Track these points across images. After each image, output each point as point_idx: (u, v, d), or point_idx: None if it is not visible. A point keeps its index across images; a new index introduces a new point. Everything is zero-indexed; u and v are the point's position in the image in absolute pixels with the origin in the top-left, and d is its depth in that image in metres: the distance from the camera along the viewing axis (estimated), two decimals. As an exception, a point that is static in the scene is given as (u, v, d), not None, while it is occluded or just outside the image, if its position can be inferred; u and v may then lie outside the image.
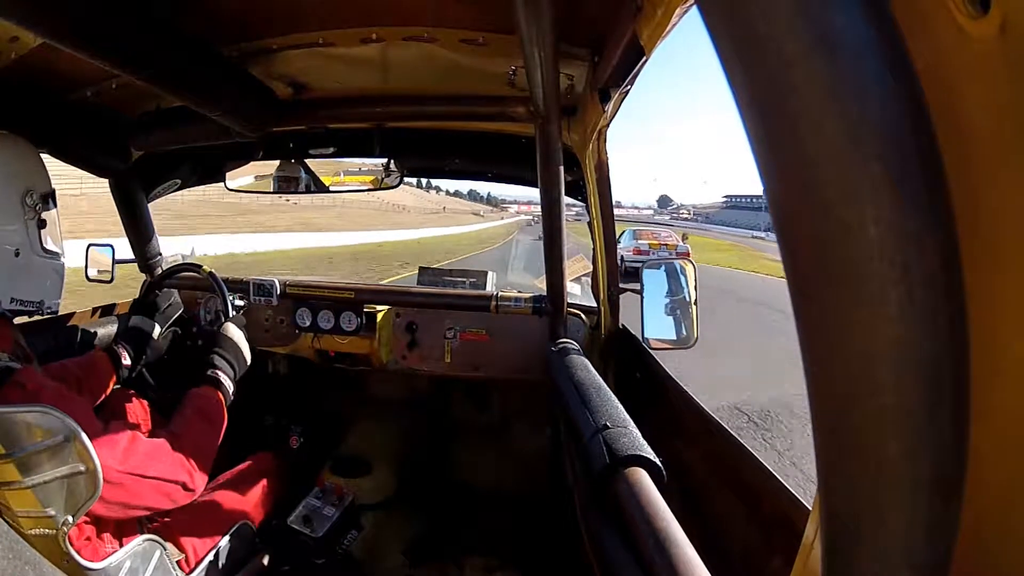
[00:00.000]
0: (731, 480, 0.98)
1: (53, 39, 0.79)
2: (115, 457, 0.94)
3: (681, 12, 0.69)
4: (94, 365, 1.39)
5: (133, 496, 0.97)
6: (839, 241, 0.18)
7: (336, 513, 1.56)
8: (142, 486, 0.98)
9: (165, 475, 1.02)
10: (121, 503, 0.97)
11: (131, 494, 0.97)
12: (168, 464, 1.04)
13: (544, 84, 0.84)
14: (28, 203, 1.03)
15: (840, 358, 0.19)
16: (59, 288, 1.14)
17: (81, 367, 1.35)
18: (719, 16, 0.18)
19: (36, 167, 1.08)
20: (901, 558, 0.21)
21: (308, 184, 1.70)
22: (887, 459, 0.19)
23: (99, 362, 1.41)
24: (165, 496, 1.03)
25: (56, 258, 1.12)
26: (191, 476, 1.07)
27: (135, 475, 0.97)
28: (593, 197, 1.48)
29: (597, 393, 1.00)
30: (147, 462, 1.00)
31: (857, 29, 0.17)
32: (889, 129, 0.17)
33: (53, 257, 1.11)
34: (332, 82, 1.37)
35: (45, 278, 1.09)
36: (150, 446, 1.03)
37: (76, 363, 1.37)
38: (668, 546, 0.57)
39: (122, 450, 0.96)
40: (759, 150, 0.19)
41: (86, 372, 1.35)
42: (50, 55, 1.01)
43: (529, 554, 1.67)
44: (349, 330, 1.80)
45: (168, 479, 1.03)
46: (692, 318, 1.48)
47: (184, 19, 0.97)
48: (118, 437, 0.97)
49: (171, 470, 1.04)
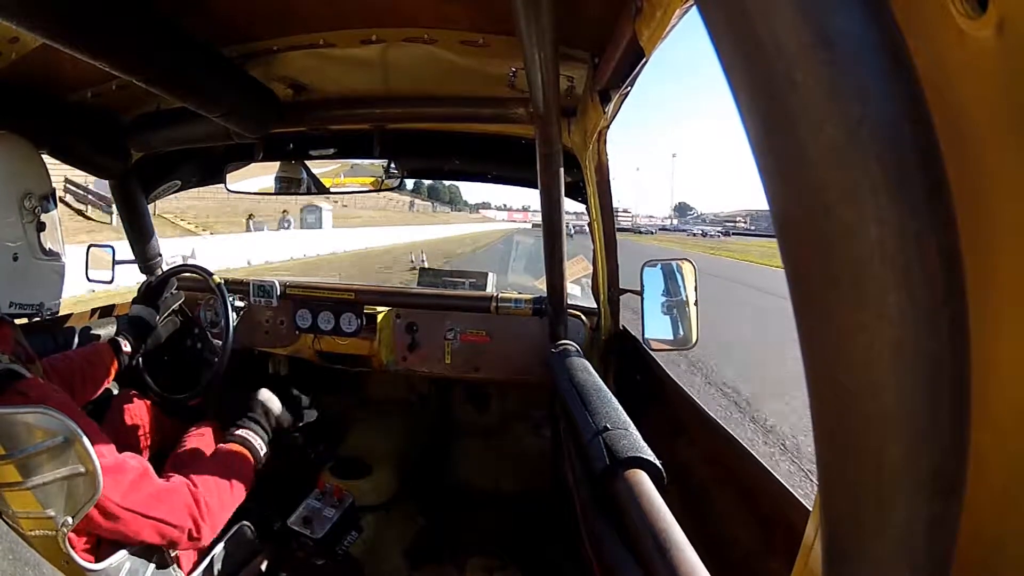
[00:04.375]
0: (731, 480, 0.98)
1: (53, 40, 0.79)
2: (118, 491, 0.92)
3: (681, 12, 0.69)
4: (97, 354, 1.42)
5: (131, 532, 0.95)
6: (839, 242, 0.18)
7: (336, 514, 1.56)
8: (141, 525, 0.95)
9: (169, 519, 0.99)
10: (119, 534, 0.95)
11: (129, 530, 0.95)
12: (174, 508, 1.00)
13: (544, 85, 0.84)
14: (27, 206, 1.03)
15: (840, 358, 0.19)
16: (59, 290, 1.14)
17: (83, 356, 1.38)
18: (719, 16, 0.18)
19: (35, 168, 1.08)
20: (901, 558, 0.21)
21: (308, 185, 1.70)
22: (887, 459, 0.19)
23: (101, 351, 1.44)
24: (166, 540, 1.00)
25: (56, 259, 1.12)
26: (198, 526, 1.04)
27: (135, 513, 0.94)
28: (593, 199, 1.48)
29: (597, 394, 1.00)
30: (152, 503, 0.97)
31: (857, 29, 0.17)
32: (889, 129, 0.17)
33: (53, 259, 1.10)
34: (332, 83, 1.37)
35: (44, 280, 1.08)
36: (158, 488, 1.00)
37: (78, 353, 1.40)
38: (668, 547, 0.57)
39: (127, 484, 0.94)
40: (759, 151, 0.19)
41: (89, 362, 1.38)
42: (50, 56, 1.01)
43: (529, 555, 1.67)
44: (349, 331, 1.80)
45: (171, 523, 0.99)
46: (692, 318, 1.48)
47: (184, 20, 0.97)
48: (126, 471, 0.95)
49: (177, 515, 1.00)
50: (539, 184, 1.18)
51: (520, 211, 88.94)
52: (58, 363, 1.30)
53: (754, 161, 0.19)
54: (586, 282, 1.88)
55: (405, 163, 1.65)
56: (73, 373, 1.32)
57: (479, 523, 1.87)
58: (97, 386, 1.39)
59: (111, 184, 1.73)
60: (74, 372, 1.32)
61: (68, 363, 1.32)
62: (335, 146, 1.62)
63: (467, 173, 1.79)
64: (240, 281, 1.88)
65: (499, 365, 1.73)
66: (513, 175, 1.73)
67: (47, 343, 1.49)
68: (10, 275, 1.01)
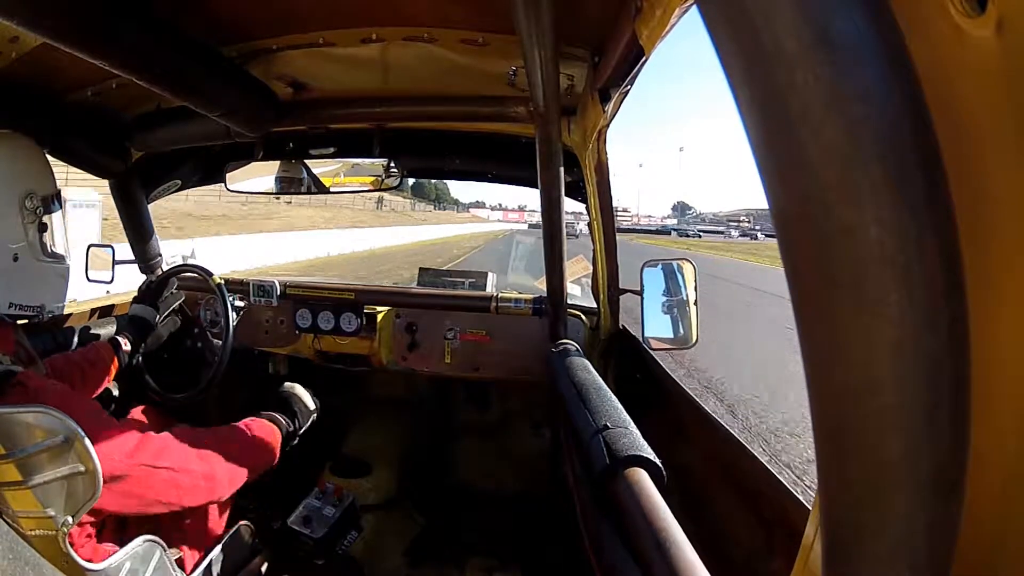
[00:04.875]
0: (731, 480, 0.98)
1: (53, 39, 0.79)
2: (123, 450, 0.92)
3: (681, 12, 0.69)
4: (96, 353, 1.43)
5: (144, 487, 0.94)
6: (840, 242, 0.18)
7: (336, 514, 1.56)
8: (151, 477, 0.95)
9: (177, 465, 0.98)
10: (133, 496, 0.94)
11: (140, 487, 0.94)
12: (181, 455, 1.00)
13: (544, 84, 0.84)
14: (28, 206, 1.02)
15: (841, 358, 0.19)
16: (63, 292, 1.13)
17: (84, 356, 1.40)
18: (719, 16, 0.18)
19: (38, 169, 1.07)
20: (901, 558, 0.21)
21: (309, 185, 1.70)
22: (887, 459, 0.19)
23: (101, 350, 1.46)
24: (180, 489, 0.99)
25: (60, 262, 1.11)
26: (212, 467, 1.02)
27: (144, 465, 0.94)
28: (593, 198, 1.48)
29: (597, 394, 1.00)
30: (160, 453, 0.97)
31: (857, 29, 0.17)
32: (889, 129, 0.17)
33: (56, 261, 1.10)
34: (332, 82, 1.37)
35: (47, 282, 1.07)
36: (162, 439, 1.00)
37: (79, 354, 1.41)
38: (668, 546, 0.57)
39: (132, 445, 0.94)
40: (759, 151, 0.19)
41: (89, 361, 1.39)
42: (50, 55, 1.01)
43: (529, 554, 1.67)
44: (349, 331, 1.80)
45: (181, 469, 0.98)
46: (691, 318, 1.48)
47: (184, 19, 0.97)
48: (128, 433, 0.95)
49: (184, 460, 0.99)
50: (539, 183, 1.18)
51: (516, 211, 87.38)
52: (58, 362, 1.31)
53: (754, 161, 0.19)
54: (586, 282, 1.88)
55: (405, 162, 1.64)
56: (73, 372, 1.33)
57: (479, 523, 1.87)
58: (97, 385, 1.40)
59: (111, 184, 1.73)
60: (74, 371, 1.33)
61: (68, 362, 1.33)
62: (335, 145, 1.62)
63: (467, 173, 1.79)
64: (240, 281, 1.88)
65: (499, 364, 1.73)
66: (513, 174, 1.73)
67: (47, 343, 1.49)
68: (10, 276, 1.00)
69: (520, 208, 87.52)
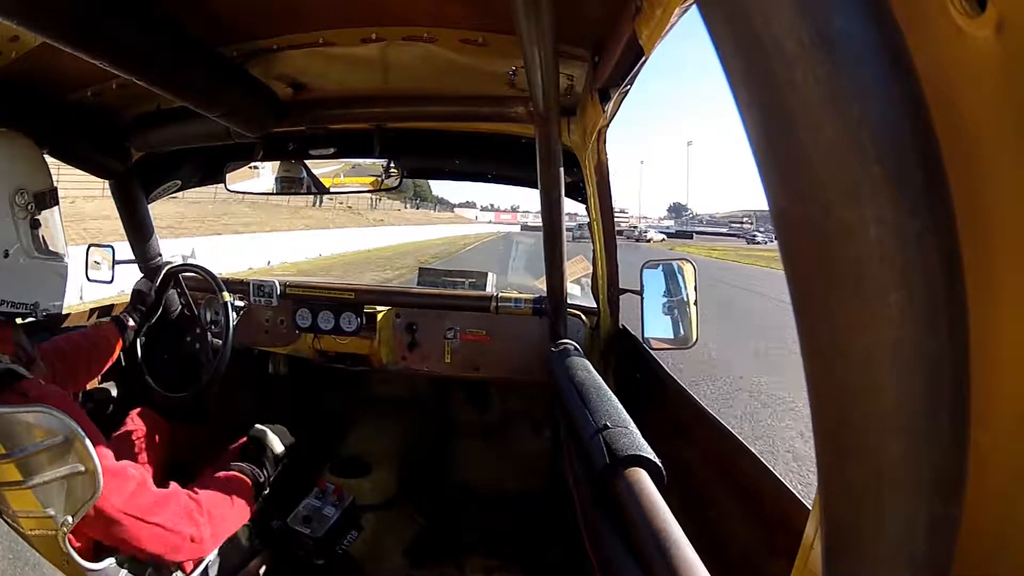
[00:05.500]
0: (731, 480, 0.98)
1: (53, 39, 0.79)
2: (120, 496, 0.92)
3: (681, 12, 0.69)
4: (101, 333, 1.47)
5: (131, 537, 0.95)
6: (839, 242, 0.18)
7: (336, 513, 1.56)
8: (141, 530, 0.95)
9: (168, 524, 0.99)
10: (118, 540, 0.95)
11: (129, 535, 0.94)
12: (173, 514, 1.00)
13: (544, 84, 0.84)
14: (18, 202, 1.01)
15: (840, 359, 0.19)
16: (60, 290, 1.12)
17: (87, 337, 1.43)
18: (719, 16, 0.18)
19: (32, 165, 1.06)
20: (901, 558, 0.21)
21: (309, 185, 1.70)
22: (887, 459, 0.19)
23: (106, 330, 1.50)
24: (167, 546, 1.00)
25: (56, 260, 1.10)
26: (199, 530, 1.03)
27: (135, 518, 0.94)
28: (593, 199, 1.48)
29: (597, 393, 1.00)
30: (152, 508, 0.97)
31: (857, 29, 0.17)
32: (889, 129, 0.17)
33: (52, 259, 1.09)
34: (332, 82, 1.37)
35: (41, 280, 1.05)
36: (158, 494, 1.00)
37: (83, 334, 1.44)
38: (668, 546, 0.57)
39: (129, 491, 0.94)
40: (759, 150, 0.19)
41: (93, 342, 1.42)
42: (50, 55, 1.00)
43: (529, 554, 1.67)
44: (349, 330, 1.80)
45: (171, 528, 0.99)
46: (691, 318, 1.48)
47: (184, 19, 0.97)
48: (128, 478, 0.96)
49: (176, 521, 1.00)
50: (539, 183, 1.18)
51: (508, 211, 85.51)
52: (62, 343, 1.32)
53: (754, 161, 0.19)
54: (586, 282, 1.88)
55: (405, 162, 1.64)
56: (78, 353, 1.35)
57: (479, 523, 1.87)
58: (102, 365, 1.44)
59: (111, 184, 1.73)
60: (79, 352, 1.35)
61: (72, 343, 1.34)
62: (335, 145, 1.62)
63: (467, 173, 1.79)
64: (240, 281, 1.88)
65: (499, 364, 1.73)
66: (513, 175, 1.73)
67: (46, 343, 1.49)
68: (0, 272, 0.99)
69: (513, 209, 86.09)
